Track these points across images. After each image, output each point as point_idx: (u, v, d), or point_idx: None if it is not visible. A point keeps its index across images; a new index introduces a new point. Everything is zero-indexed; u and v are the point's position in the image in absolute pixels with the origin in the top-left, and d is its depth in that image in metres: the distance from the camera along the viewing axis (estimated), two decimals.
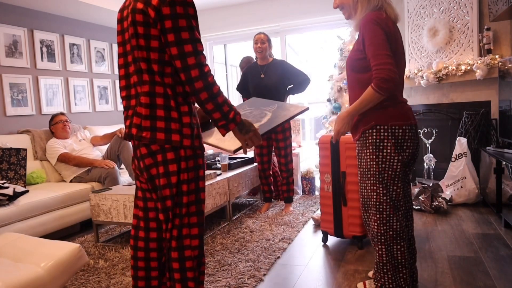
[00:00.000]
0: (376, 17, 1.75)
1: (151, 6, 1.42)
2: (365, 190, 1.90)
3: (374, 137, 1.81)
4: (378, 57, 1.70)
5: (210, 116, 1.50)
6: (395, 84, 1.70)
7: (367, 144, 1.84)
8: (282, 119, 2.10)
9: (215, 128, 2.08)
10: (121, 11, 1.59)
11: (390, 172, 1.82)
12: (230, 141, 1.86)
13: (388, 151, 1.80)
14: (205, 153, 4.13)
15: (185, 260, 1.56)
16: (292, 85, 3.68)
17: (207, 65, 1.46)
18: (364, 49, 1.78)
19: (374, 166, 1.83)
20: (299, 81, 3.61)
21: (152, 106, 1.48)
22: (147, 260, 1.68)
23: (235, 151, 1.81)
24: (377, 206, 1.84)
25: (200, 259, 1.61)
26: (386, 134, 1.79)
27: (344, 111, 1.84)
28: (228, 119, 1.50)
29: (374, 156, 1.83)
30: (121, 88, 1.61)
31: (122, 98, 1.61)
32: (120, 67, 1.60)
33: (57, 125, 3.84)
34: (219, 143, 1.93)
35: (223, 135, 1.56)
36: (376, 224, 1.85)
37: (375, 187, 1.84)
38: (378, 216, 1.84)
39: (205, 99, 1.45)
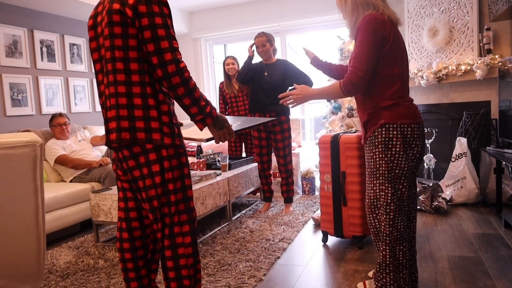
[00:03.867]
0: (375, 19, 1.76)
1: (128, 5, 1.45)
2: (372, 191, 1.89)
3: (384, 135, 1.81)
4: (357, 60, 1.76)
5: (188, 111, 1.53)
6: (358, 91, 1.81)
7: (376, 143, 1.84)
8: (254, 122, 2.16)
9: (185, 124, 2.11)
10: (93, 17, 1.60)
11: (397, 171, 1.82)
12: (203, 132, 1.89)
13: (397, 149, 1.80)
14: (205, 153, 4.13)
15: (179, 258, 1.58)
16: (293, 86, 3.67)
17: (183, 61, 1.49)
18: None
19: (384, 165, 1.83)
20: (300, 83, 3.61)
21: (130, 106, 1.49)
22: (135, 260, 1.70)
23: (207, 140, 1.86)
24: (385, 207, 1.84)
25: (194, 256, 1.62)
26: (395, 132, 1.80)
27: (310, 91, 1.96)
28: (205, 113, 1.53)
29: (383, 155, 1.82)
30: (100, 94, 1.62)
31: (102, 105, 1.62)
32: (97, 72, 1.62)
33: (55, 128, 3.83)
34: (192, 134, 1.96)
35: (201, 130, 1.60)
36: (382, 224, 1.85)
37: (383, 187, 1.84)
38: (385, 216, 1.84)
39: (182, 94, 1.48)
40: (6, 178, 1.05)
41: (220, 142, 1.73)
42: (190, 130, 2.06)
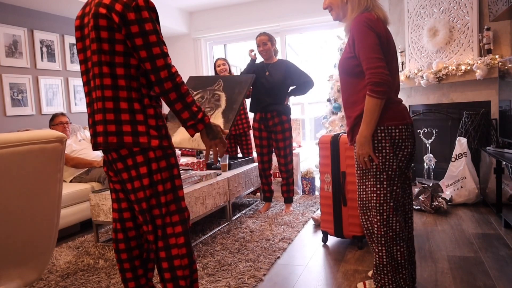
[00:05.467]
0: (367, 19, 1.76)
1: (115, 11, 1.44)
2: (364, 192, 1.89)
3: (373, 138, 1.81)
4: (369, 60, 1.72)
5: (179, 117, 1.53)
6: (389, 86, 1.73)
7: None
8: (240, 96, 2.06)
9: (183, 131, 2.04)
10: (80, 17, 1.59)
11: (390, 172, 1.82)
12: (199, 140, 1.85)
13: (387, 151, 1.80)
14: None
15: (173, 259, 1.58)
16: (294, 86, 3.68)
17: (173, 66, 1.50)
18: (354, 50, 1.79)
19: (374, 167, 1.83)
20: (301, 82, 3.61)
21: (116, 110, 1.49)
22: (131, 260, 1.71)
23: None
24: (378, 208, 1.83)
25: (189, 257, 1.62)
26: (383, 134, 1.79)
27: (359, 134, 1.80)
28: (196, 119, 1.53)
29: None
30: (85, 95, 1.62)
31: (87, 105, 1.62)
32: (82, 73, 1.62)
33: (56, 127, 3.83)
34: (195, 145, 1.91)
35: (192, 136, 1.59)
36: (376, 225, 1.85)
37: (375, 188, 1.84)
38: (378, 217, 1.83)
39: (174, 99, 1.49)
40: (41, 169, 1.19)
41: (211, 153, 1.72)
42: (190, 140, 2.02)
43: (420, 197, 3.49)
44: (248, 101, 4.30)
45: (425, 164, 4.10)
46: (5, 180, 1.10)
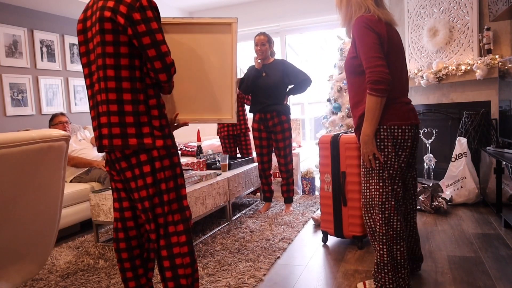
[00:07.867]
0: (367, 19, 1.80)
1: (120, 13, 1.46)
2: (368, 191, 1.90)
3: (376, 137, 1.82)
4: (368, 59, 1.76)
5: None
6: (388, 84, 1.75)
7: None
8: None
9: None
10: (82, 21, 1.60)
11: (391, 172, 1.83)
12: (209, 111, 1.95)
13: (389, 150, 1.81)
14: (205, 153, 4.13)
15: (175, 258, 1.59)
16: (292, 85, 3.67)
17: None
18: (356, 50, 1.84)
19: (378, 165, 1.84)
20: (299, 81, 3.61)
21: (121, 113, 1.51)
22: (132, 260, 1.72)
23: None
24: (380, 206, 1.84)
25: (191, 255, 1.63)
26: (385, 134, 1.81)
27: (362, 133, 1.83)
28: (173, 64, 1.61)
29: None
30: (89, 98, 1.64)
31: (90, 108, 1.63)
32: (86, 77, 1.63)
33: (56, 126, 3.83)
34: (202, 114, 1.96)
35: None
36: (378, 224, 1.85)
37: (378, 187, 1.85)
38: (380, 215, 1.84)
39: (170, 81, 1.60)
40: (48, 166, 1.25)
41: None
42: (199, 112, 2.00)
43: (420, 197, 3.48)
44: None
45: (425, 164, 4.10)
46: (18, 177, 1.15)
